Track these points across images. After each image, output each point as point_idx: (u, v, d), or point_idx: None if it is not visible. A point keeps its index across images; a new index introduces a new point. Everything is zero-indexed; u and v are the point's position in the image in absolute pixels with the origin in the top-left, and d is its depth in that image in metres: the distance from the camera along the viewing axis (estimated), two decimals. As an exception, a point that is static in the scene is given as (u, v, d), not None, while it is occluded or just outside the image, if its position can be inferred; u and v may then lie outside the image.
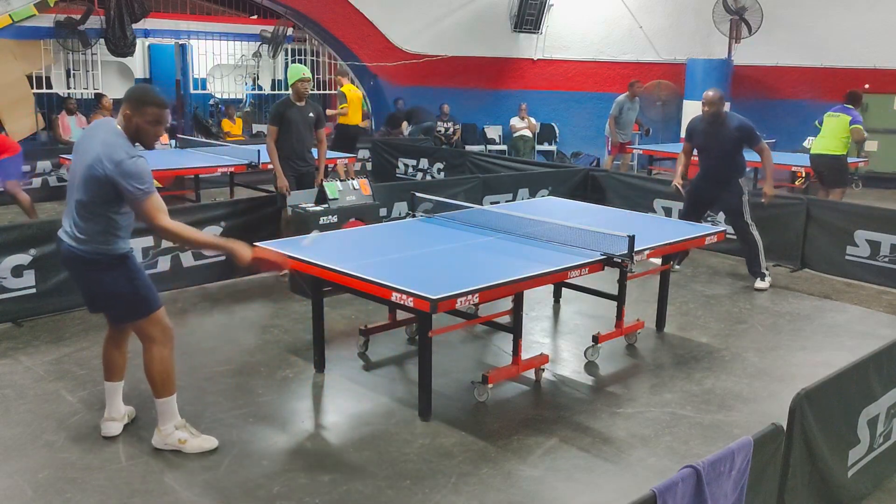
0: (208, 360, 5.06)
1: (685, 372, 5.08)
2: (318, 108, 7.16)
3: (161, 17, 13.76)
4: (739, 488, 2.68)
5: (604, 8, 15.26)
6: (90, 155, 3.55)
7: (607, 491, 3.66)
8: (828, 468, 3.17)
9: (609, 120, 11.57)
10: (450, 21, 14.94)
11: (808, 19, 13.54)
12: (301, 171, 6.99)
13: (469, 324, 5.26)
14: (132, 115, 3.62)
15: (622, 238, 4.61)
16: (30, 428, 4.10)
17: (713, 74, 13.44)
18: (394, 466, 3.80)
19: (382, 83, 14.95)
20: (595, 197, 9.04)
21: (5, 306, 5.62)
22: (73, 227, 3.65)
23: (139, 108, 3.62)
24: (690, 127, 7.18)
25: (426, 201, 6.03)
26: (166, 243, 6.40)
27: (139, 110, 3.62)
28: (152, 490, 3.53)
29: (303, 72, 6.92)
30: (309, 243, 4.82)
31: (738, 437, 2.94)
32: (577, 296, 6.04)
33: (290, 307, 6.18)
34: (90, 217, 3.61)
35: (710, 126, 6.91)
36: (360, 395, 4.67)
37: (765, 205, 7.09)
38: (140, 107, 3.62)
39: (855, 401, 3.32)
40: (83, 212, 3.61)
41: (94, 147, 3.57)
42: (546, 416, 4.40)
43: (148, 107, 3.63)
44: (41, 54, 12.17)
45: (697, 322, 6.08)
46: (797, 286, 7.12)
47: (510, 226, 5.29)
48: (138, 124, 3.63)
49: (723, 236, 5.78)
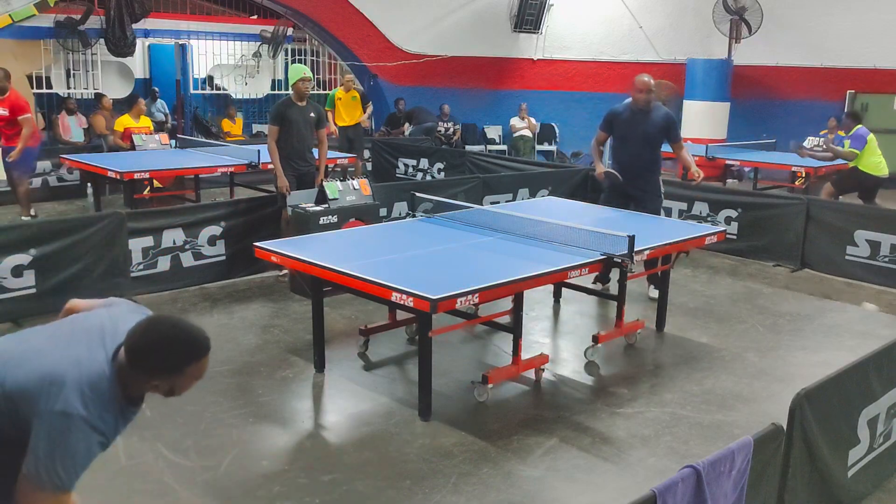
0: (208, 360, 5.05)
1: (685, 372, 5.08)
2: (318, 108, 7.16)
3: (161, 17, 13.75)
4: (739, 488, 2.68)
5: (604, 8, 15.26)
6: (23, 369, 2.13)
7: (607, 491, 3.66)
8: (828, 468, 3.17)
9: None
10: (450, 21, 14.94)
11: (808, 19, 13.53)
12: (301, 171, 6.99)
13: (469, 324, 5.26)
14: (167, 376, 2.17)
15: (622, 238, 4.62)
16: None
17: (713, 74, 13.44)
18: (394, 466, 3.80)
19: (382, 83, 14.94)
20: (595, 197, 9.00)
21: (5, 306, 5.61)
22: None
23: (182, 369, 2.18)
24: (611, 116, 6.59)
25: (426, 201, 6.03)
26: (167, 242, 6.41)
27: (181, 371, 2.18)
28: (152, 490, 3.53)
29: (303, 72, 6.91)
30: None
31: (738, 437, 2.94)
32: (577, 296, 6.03)
33: (290, 307, 6.18)
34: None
35: (636, 115, 6.42)
36: (360, 395, 4.67)
37: (697, 182, 6.46)
38: (184, 365, 2.18)
39: (855, 401, 3.32)
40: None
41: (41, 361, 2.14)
42: (546, 416, 4.40)
43: (198, 361, 2.22)
44: (41, 54, 12.17)
45: (697, 322, 6.08)
46: (797, 286, 7.12)
47: (510, 226, 5.29)
48: (173, 385, 2.21)
49: (723, 236, 5.79)
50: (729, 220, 8.09)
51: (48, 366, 2.11)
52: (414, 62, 14.81)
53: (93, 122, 11.21)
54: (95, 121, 11.07)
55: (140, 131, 10.01)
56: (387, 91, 14.93)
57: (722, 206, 8.22)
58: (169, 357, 2.15)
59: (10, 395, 2.11)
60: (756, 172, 11.25)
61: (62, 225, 6.00)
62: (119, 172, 7.92)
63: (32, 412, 2.06)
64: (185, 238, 6.53)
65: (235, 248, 6.79)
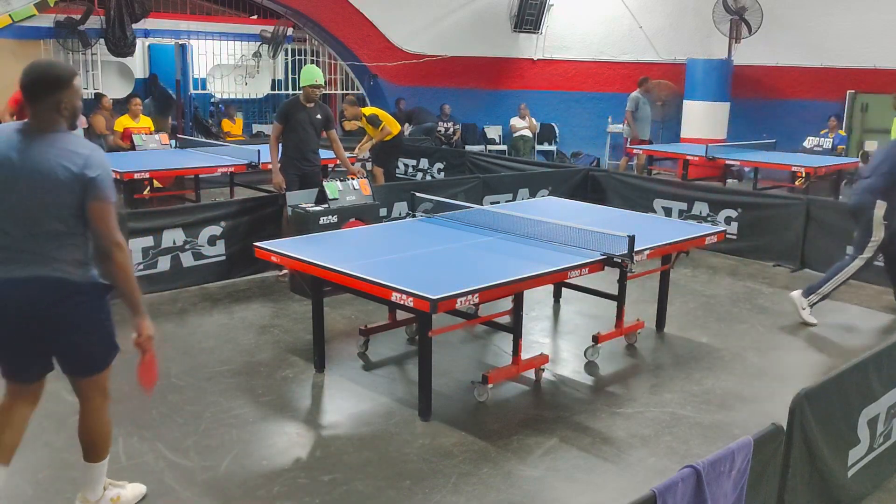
0: (208, 360, 5.06)
1: (685, 372, 5.08)
2: (326, 110, 7.15)
3: (161, 17, 13.74)
4: (739, 488, 2.68)
5: (604, 8, 15.25)
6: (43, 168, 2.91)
7: (607, 491, 3.66)
8: (828, 468, 3.17)
9: (626, 115, 11.56)
10: (450, 21, 14.94)
11: (808, 19, 13.53)
12: (304, 171, 7.00)
13: (469, 324, 5.26)
14: (67, 95, 2.99)
15: (622, 238, 4.61)
16: (30, 428, 4.08)
17: (713, 74, 13.43)
18: (394, 466, 3.80)
19: (382, 83, 14.94)
20: (595, 197, 9.03)
21: (5, 306, 5.60)
22: (55, 255, 2.95)
23: (69, 86, 3.01)
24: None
25: (426, 201, 6.03)
26: (167, 242, 6.41)
27: (70, 88, 3.01)
28: (152, 490, 3.53)
29: (315, 78, 6.86)
30: None
31: (738, 437, 2.94)
32: (577, 296, 6.03)
33: (290, 307, 6.18)
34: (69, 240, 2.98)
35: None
36: (360, 395, 4.67)
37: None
38: (69, 84, 3.01)
39: (855, 401, 3.32)
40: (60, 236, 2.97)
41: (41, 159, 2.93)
42: (546, 416, 4.40)
43: (75, 78, 3.05)
44: (41, 54, 12.14)
45: (697, 322, 6.08)
46: (797, 286, 7.10)
47: (510, 226, 5.30)
48: (75, 105, 3.05)
49: (723, 236, 5.79)
50: (729, 220, 8.09)
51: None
52: (414, 62, 14.81)
53: (93, 122, 11.19)
54: (95, 121, 11.06)
55: (140, 131, 10.01)
56: (387, 91, 14.93)
57: (722, 206, 8.22)
58: (53, 72, 3.07)
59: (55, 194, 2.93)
60: (756, 172, 11.25)
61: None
62: (119, 172, 7.91)
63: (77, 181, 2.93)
64: (185, 238, 6.53)
65: (235, 248, 6.79)
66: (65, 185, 2.90)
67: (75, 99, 3.03)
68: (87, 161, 2.93)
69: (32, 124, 3.00)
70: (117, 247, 2.94)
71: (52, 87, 2.98)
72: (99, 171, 2.94)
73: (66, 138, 2.99)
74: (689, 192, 8.61)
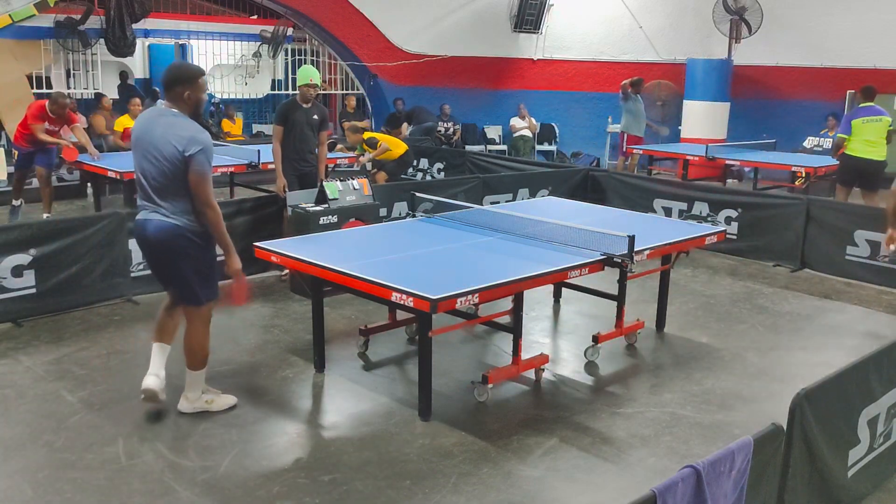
0: (209, 360, 5.04)
1: (685, 372, 5.08)
2: (323, 110, 7.15)
3: (161, 17, 13.75)
4: (739, 488, 2.68)
5: (604, 8, 15.25)
6: (168, 140, 3.87)
7: (607, 491, 3.66)
8: (828, 468, 3.17)
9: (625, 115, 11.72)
10: (450, 21, 14.93)
11: (808, 19, 13.53)
12: (302, 171, 7.00)
13: (469, 324, 5.26)
14: (192, 89, 3.96)
15: (622, 238, 4.61)
16: (30, 428, 4.10)
17: (713, 74, 13.43)
18: (394, 466, 3.80)
19: (382, 83, 14.94)
20: (595, 197, 9.03)
21: (5, 306, 5.62)
22: (169, 207, 3.95)
23: (194, 83, 3.97)
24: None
25: (426, 201, 6.03)
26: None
27: (194, 84, 3.97)
28: (152, 490, 3.53)
29: (309, 78, 6.85)
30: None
31: (738, 437, 2.94)
32: (577, 296, 6.03)
33: (290, 307, 6.18)
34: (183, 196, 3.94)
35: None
36: (360, 395, 4.67)
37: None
38: (194, 81, 3.98)
39: (855, 401, 3.32)
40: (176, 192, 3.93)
41: (166, 133, 3.89)
42: (546, 416, 4.40)
43: (200, 77, 4.02)
44: (41, 54, 12.14)
45: (697, 322, 6.08)
46: (797, 286, 7.12)
47: (510, 226, 5.29)
48: (199, 97, 4.01)
49: (723, 236, 5.78)
50: (729, 220, 8.09)
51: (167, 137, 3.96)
52: (414, 62, 14.81)
53: (93, 122, 11.20)
54: (95, 121, 11.06)
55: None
56: (387, 91, 14.93)
57: (722, 206, 8.21)
58: (181, 72, 4.09)
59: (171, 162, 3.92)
60: (756, 172, 11.25)
61: (62, 225, 6.00)
62: (119, 172, 7.92)
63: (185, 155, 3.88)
64: (185, 238, 6.52)
65: (236, 248, 6.76)
66: (173, 159, 3.86)
67: (199, 92, 4.01)
68: (189, 141, 3.84)
69: (166, 108, 4.00)
70: (210, 207, 3.92)
71: (180, 81, 3.97)
72: (195, 150, 3.83)
73: (181, 122, 3.92)
74: (689, 192, 8.61)
